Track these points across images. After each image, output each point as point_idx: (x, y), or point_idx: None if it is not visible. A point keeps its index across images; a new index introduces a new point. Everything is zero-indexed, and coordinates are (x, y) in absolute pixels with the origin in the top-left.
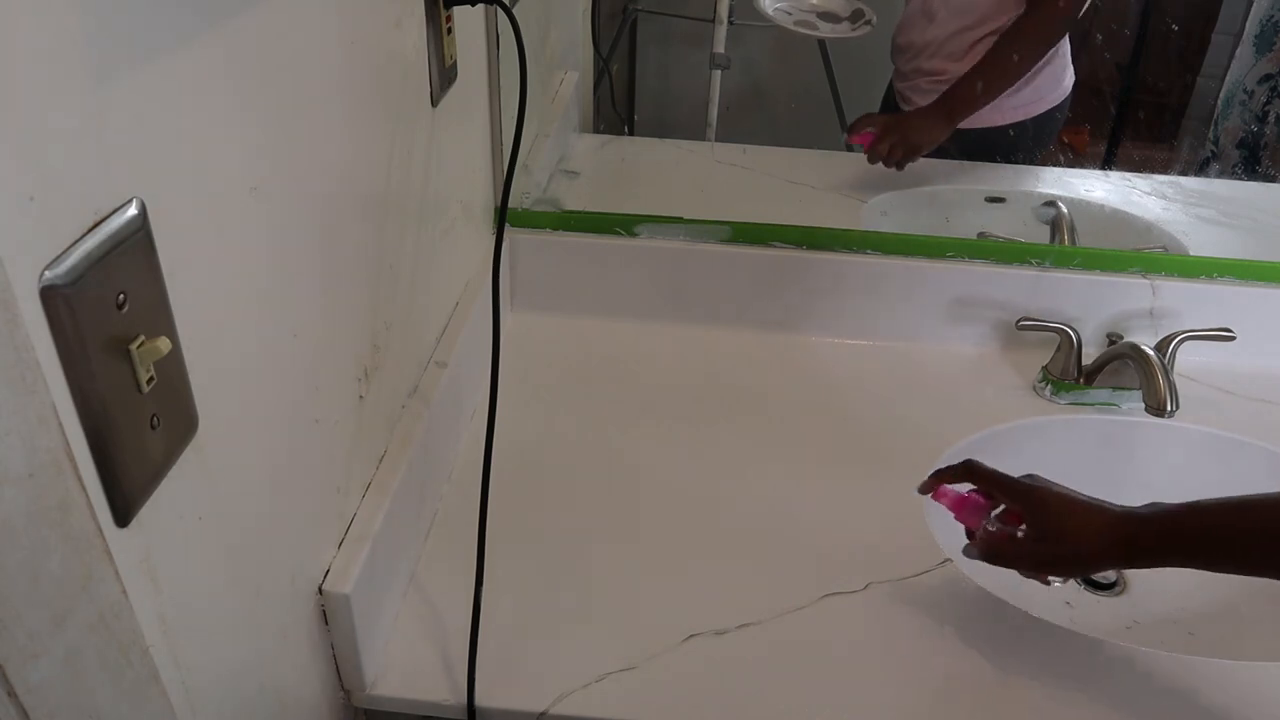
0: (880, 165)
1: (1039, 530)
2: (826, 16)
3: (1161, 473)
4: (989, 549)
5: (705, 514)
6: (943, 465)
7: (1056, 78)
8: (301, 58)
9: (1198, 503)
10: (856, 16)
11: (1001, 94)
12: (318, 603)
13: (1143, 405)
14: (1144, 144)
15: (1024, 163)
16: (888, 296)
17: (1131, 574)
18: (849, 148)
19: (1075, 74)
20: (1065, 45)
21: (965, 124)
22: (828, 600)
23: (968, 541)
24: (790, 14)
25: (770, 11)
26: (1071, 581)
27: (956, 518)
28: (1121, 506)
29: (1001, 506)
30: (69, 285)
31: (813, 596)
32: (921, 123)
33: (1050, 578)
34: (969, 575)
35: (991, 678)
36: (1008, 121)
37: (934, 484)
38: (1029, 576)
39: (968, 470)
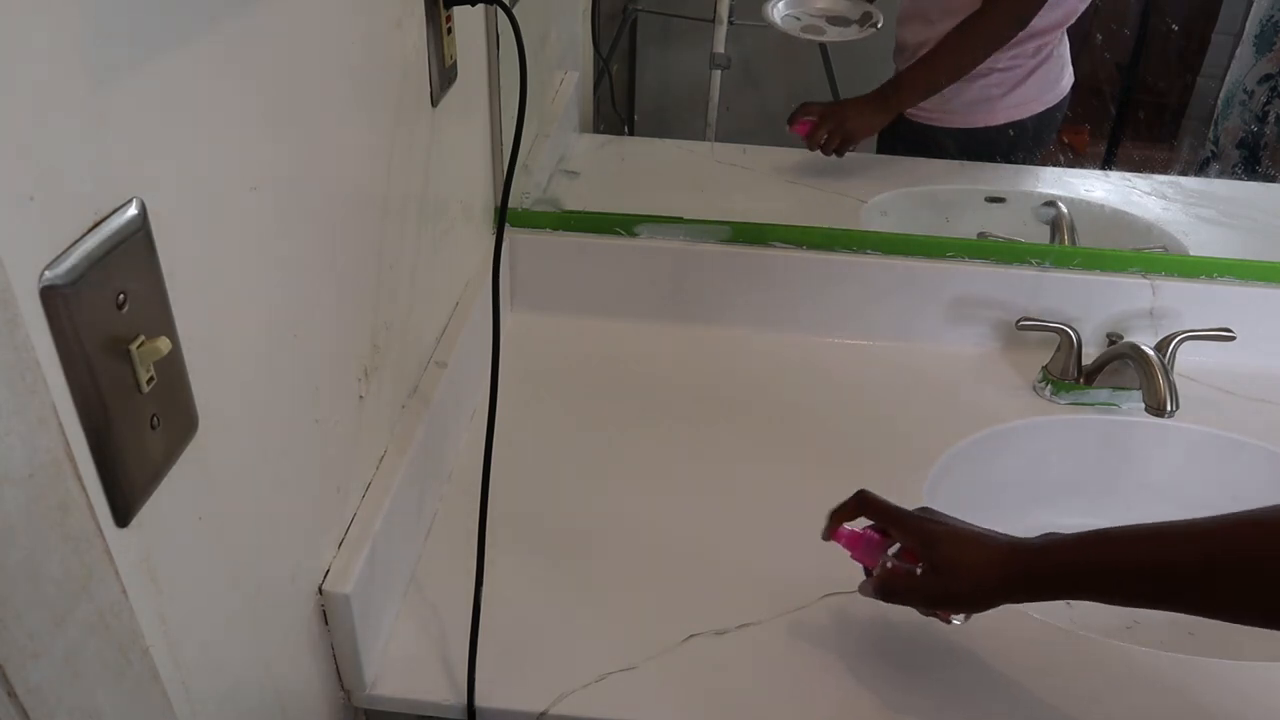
0: (879, 162)
1: (931, 565)
2: (836, 20)
3: (1161, 473)
4: (883, 585)
5: (705, 514)
6: (842, 501)
7: (1053, 78)
8: (301, 58)
9: (1101, 531)
10: (865, 19)
11: (944, 88)
12: (318, 603)
13: (1143, 405)
14: (1144, 144)
15: (1024, 162)
16: (888, 296)
17: None
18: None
19: (1075, 74)
20: (1064, 46)
21: (965, 124)
22: (828, 600)
23: (864, 579)
24: (799, 20)
25: (779, 20)
26: None
27: (854, 557)
28: (1015, 538)
29: (898, 544)
30: (69, 285)
31: (813, 596)
32: (858, 111)
33: (950, 615)
34: None
35: (991, 678)
36: (1006, 121)
37: (834, 525)
38: (927, 614)
39: (860, 502)
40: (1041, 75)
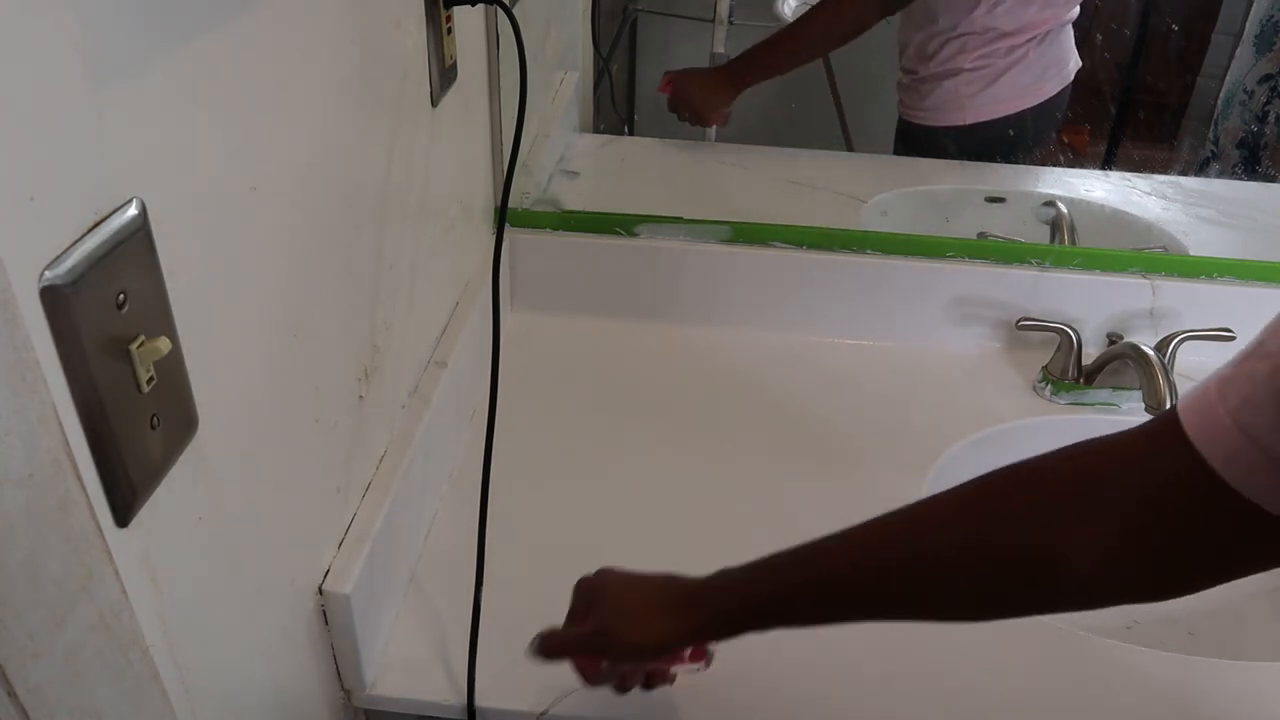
0: (879, 162)
1: (599, 614)
2: None
3: None
4: (543, 643)
5: (704, 513)
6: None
7: (1030, 80)
8: (302, 58)
9: (765, 558)
10: None
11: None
12: (318, 603)
13: (1143, 405)
14: (1144, 144)
15: (1024, 161)
16: (888, 296)
17: None
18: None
19: (1075, 74)
20: (1050, 47)
21: (943, 122)
22: None
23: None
24: None
25: (790, 16)
26: None
27: (577, 666)
28: (686, 578)
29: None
30: (69, 285)
31: None
32: (702, 92)
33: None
34: None
35: (992, 678)
36: (976, 120)
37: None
38: (594, 678)
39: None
40: (1016, 76)
